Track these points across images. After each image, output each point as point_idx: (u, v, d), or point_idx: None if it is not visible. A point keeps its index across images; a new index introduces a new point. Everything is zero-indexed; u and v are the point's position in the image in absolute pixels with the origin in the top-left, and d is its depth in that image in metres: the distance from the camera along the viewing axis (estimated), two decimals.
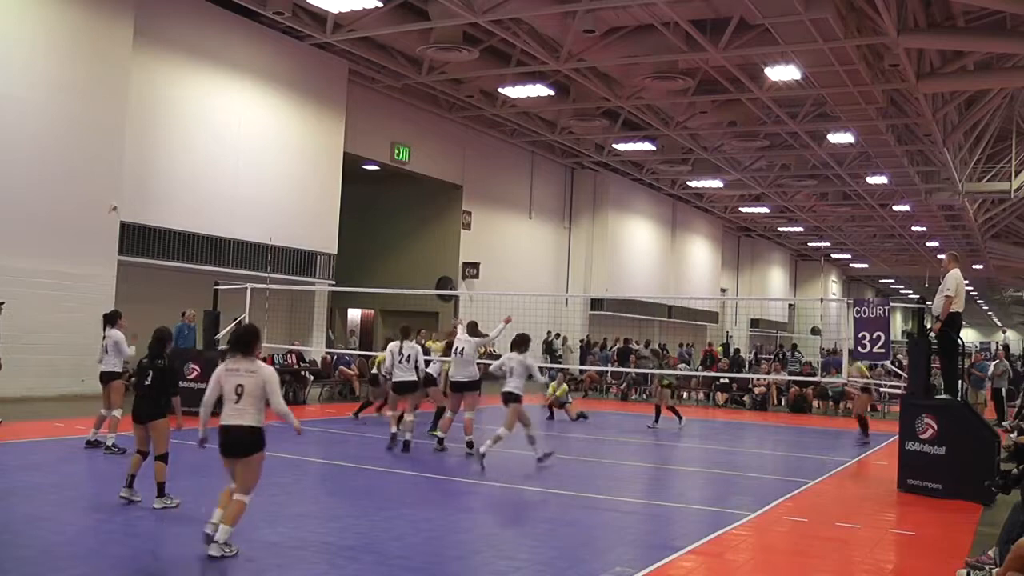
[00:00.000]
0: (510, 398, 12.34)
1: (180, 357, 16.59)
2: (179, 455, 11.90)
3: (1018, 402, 21.90)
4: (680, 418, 18.47)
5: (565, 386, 19.75)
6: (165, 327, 9.54)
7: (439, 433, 13.69)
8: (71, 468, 11.01)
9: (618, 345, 32.51)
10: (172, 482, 8.76)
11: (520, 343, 12.81)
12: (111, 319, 12.34)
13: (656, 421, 18.43)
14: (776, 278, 57.93)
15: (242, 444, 7.64)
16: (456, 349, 13.68)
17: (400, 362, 13.53)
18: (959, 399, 12.14)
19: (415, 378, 13.54)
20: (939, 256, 13.47)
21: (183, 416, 9.11)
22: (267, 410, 7.68)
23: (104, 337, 12.12)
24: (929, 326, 12.60)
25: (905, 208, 40.36)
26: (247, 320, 17.44)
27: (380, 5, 19.06)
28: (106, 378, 11.99)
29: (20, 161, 16.95)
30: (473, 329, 14.14)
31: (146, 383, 8.87)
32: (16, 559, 6.91)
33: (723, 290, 49.74)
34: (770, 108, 25.68)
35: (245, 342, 7.72)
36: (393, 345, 13.77)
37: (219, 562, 6.97)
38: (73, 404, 16.17)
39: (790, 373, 27.35)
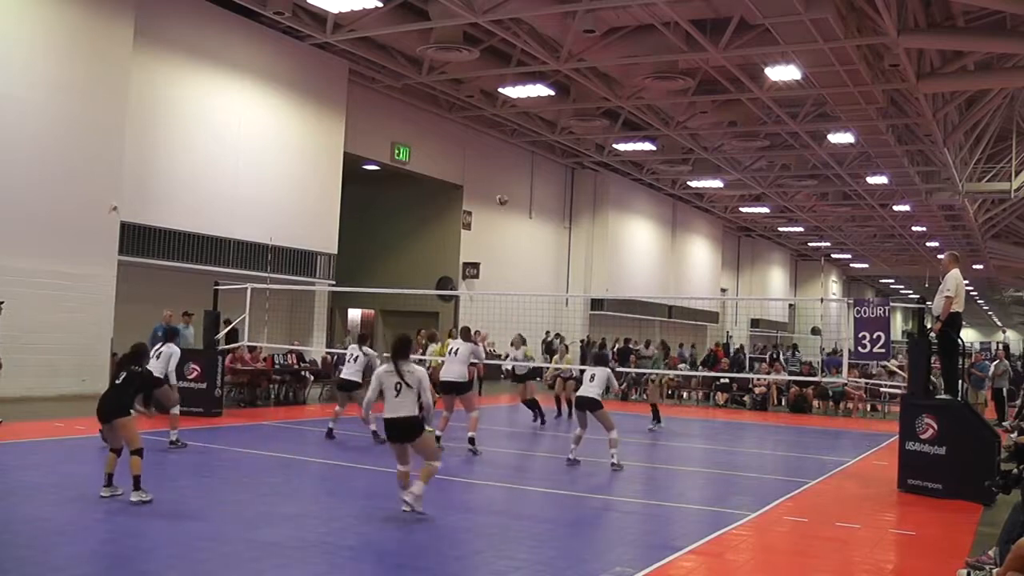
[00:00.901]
0: (591, 404, 12.41)
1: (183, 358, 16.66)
2: (185, 454, 11.94)
3: (1018, 402, 21.91)
4: (657, 419, 18.42)
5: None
6: (143, 343, 10.00)
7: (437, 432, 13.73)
8: (71, 468, 11.00)
9: (618, 345, 32.51)
10: (174, 482, 8.77)
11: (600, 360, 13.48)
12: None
13: (656, 421, 18.41)
14: (776, 278, 57.92)
15: (408, 430, 8.66)
16: (451, 350, 14.00)
17: (348, 362, 14.48)
18: (959, 399, 12.13)
19: (358, 380, 14.19)
20: (939, 256, 13.47)
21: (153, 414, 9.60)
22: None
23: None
24: (929, 326, 12.60)
25: (905, 208, 40.37)
26: (247, 320, 17.49)
27: (380, 5, 19.07)
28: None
29: (20, 161, 16.95)
30: (466, 334, 14.19)
31: (116, 382, 9.23)
32: (16, 559, 6.91)
33: (723, 290, 49.75)
34: (770, 108, 25.68)
35: (403, 350, 8.82)
36: (352, 348, 14.72)
37: (223, 560, 6.99)
38: (73, 404, 16.16)
39: (790, 373, 27.35)
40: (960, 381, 12.91)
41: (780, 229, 50.97)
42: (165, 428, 12.63)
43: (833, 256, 59.64)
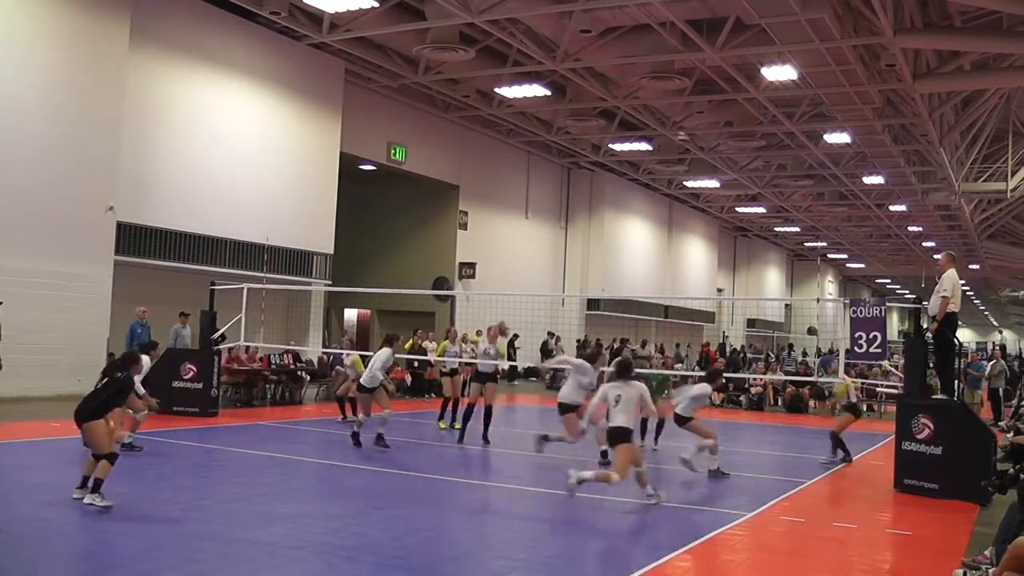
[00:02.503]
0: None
1: (179, 357, 16.67)
2: (181, 455, 11.92)
3: (1014, 402, 21.94)
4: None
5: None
6: (135, 352, 9.94)
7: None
8: (68, 468, 10.97)
9: (615, 345, 32.54)
10: (170, 482, 8.74)
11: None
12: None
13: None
14: (772, 278, 57.96)
15: (622, 437, 9.74)
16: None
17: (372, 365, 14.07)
18: (955, 399, 12.15)
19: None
20: (935, 256, 13.51)
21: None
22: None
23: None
24: (926, 326, 12.62)
25: (901, 208, 40.39)
26: (244, 320, 17.47)
27: (376, 5, 19.05)
28: None
29: (16, 161, 16.91)
30: (389, 342, 14.12)
31: (96, 386, 9.14)
32: (14, 559, 6.90)
33: (719, 290, 49.77)
34: (767, 108, 25.69)
35: (626, 369, 10.17)
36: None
37: (220, 560, 6.99)
38: (70, 404, 16.03)
39: (786, 373, 27.36)
40: (956, 381, 12.94)
41: (776, 229, 50.99)
42: (163, 428, 12.66)
43: (829, 256, 59.69)
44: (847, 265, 65.20)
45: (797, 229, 49.73)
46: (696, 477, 12.27)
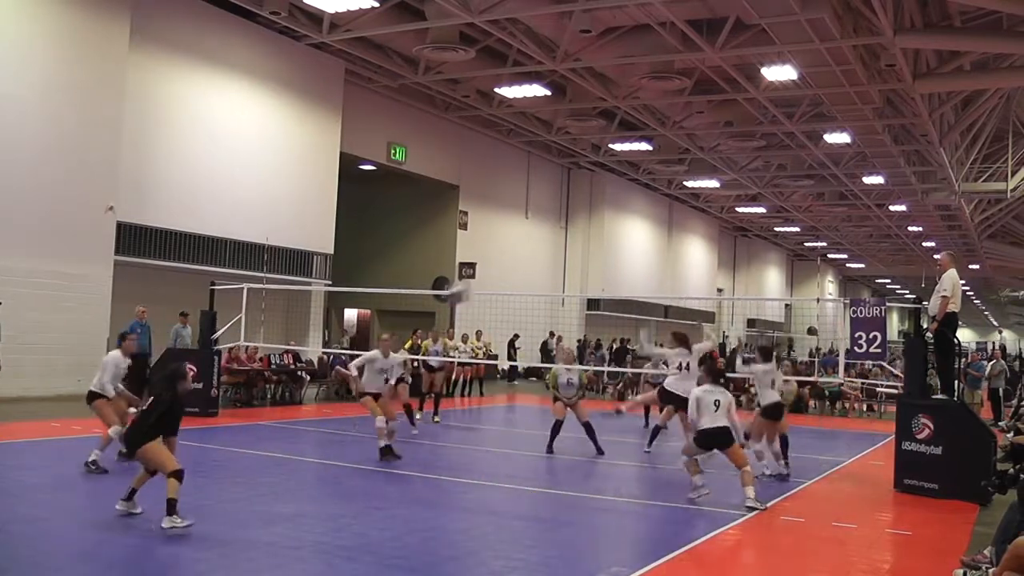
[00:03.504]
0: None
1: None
2: (181, 455, 11.90)
3: (1014, 402, 21.93)
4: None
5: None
6: (182, 365, 8.79)
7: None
8: (68, 468, 10.98)
9: (615, 346, 32.55)
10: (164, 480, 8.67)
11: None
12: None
13: (647, 424, 18.36)
14: (772, 278, 57.96)
15: (723, 439, 10.09)
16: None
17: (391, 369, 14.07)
18: (955, 399, 12.14)
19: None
20: (935, 256, 13.54)
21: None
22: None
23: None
24: (926, 326, 12.61)
25: (901, 208, 40.40)
26: (244, 320, 17.46)
27: (376, 5, 19.05)
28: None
29: (16, 161, 16.92)
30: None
31: (143, 408, 8.40)
32: (14, 559, 6.90)
33: (719, 290, 49.76)
34: (766, 108, 25.69)
35: (718, 374, 10.52)
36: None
37: (220, 560, 6.98)
38: (70, 404, 16.13)
39: (786, 373, 27.32)
40: (956, 381, 12.92)
41: (776, 229, 51.00)
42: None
43: (829, 256, 59.72)
44: (847, 265, 65.21)
45: (797, 229, 49.75)
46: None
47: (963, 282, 32.84)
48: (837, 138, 27.85)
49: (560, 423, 13.86)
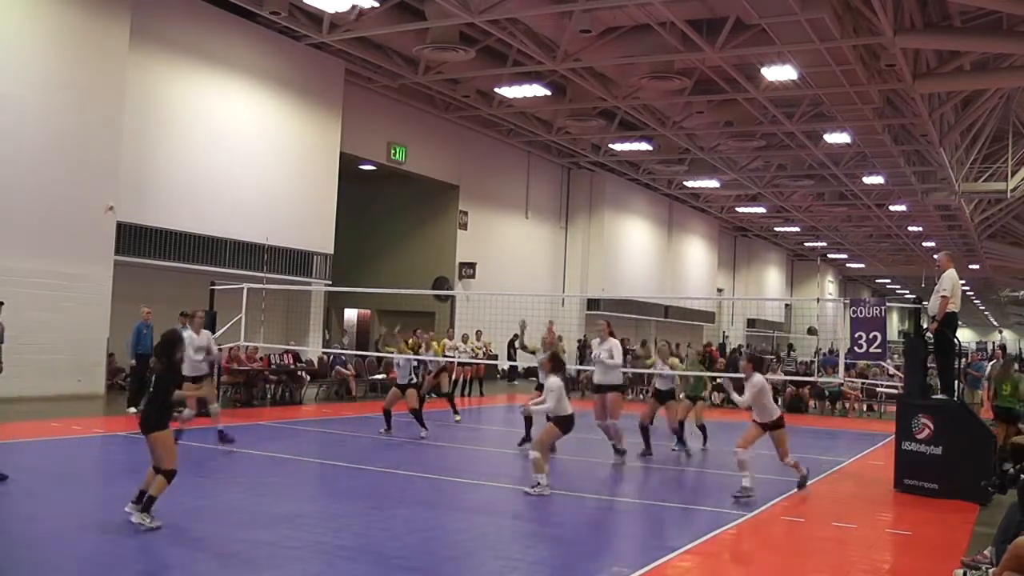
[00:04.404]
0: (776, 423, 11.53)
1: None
2: (181, 455, 11.89)
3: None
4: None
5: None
6: (172, 330, 8.78)
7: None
8: (67, 468, 10.99)
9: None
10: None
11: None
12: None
13: (650, 422, 18.41)
14: (772, 278, 57.96)
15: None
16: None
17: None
18: (955, 399, 12.14)
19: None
20: (935, 256, 13.52)
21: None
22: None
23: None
24: (925, 326, 12.61)
25: (901, 208, 40.41)
26: (244, 320, 17.47)
27: (376, 5, 19.05)
28: None
29: (16, 161, 16.91)
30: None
31: (150, 390, 8.26)
32: (13, 559, 6.90)
33: (719, 290, 49.75)
34: (766, 108, 25.69)
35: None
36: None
37: (219, 560, 6.98)
38: (70, 404, 16.16)
39: (786, 373, 27.35)
40: (956, 381, 12.92)
41: (776, 229, 51.01)
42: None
43: (829, 256, 59.75)
44: (847, 265, 65.21)
45: (797, 229, 49.75)
46: (697, 478, 12.26)
47: (963, 282, 32.84)
48: (837, 138, 27.85)
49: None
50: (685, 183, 38.48)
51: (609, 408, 13.22)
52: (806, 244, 55.86)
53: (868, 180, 33.95)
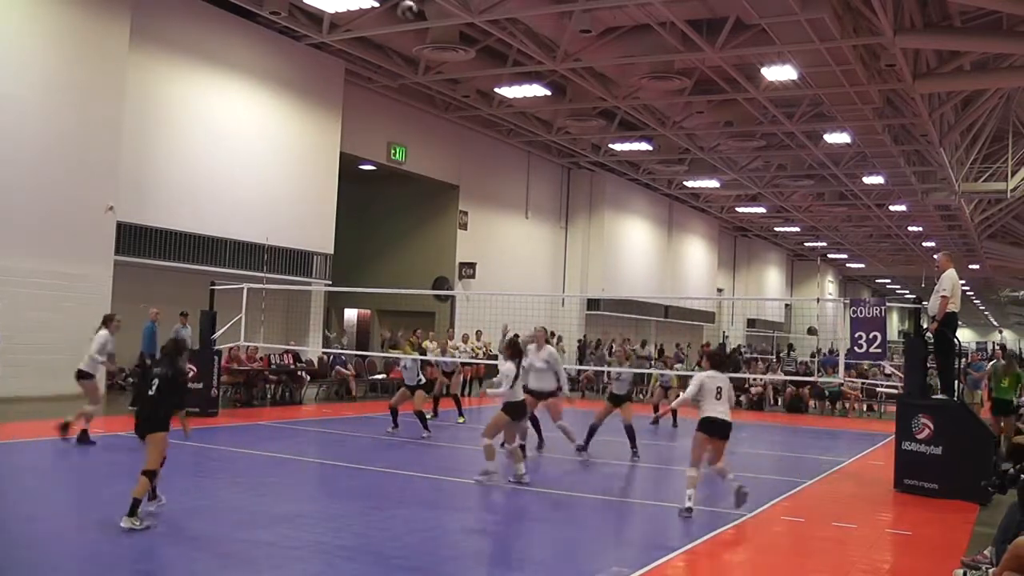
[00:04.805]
0: (726, 430, 10.09)
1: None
2: (181, 454, 11.90)
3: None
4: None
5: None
6: (176, 339, 9.12)
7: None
8: (67, 469, 10.99)
9: (614, 346, 32.52)
10: (167, 481, 8.70)
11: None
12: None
13: (655, 422, 18.51)
14: (772, 278, 57.95)
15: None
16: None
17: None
18: (955, 399, 12.14)
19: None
20: (935, 256, 13.52)
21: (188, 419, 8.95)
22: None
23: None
24: (925, 326, 12.61)
25: (901, 208, 40.39)
26: (244, 320, 17.47)
27: (376, 5, 19.05)
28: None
29: (16, 161, 16.91)
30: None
31: (150, 392, 8.28)
32: (14, 560, 6.90)
33: (719, 290, 49.75)
34: (766, 108, 25.68)
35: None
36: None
37: (219, 560, 6.98)
38: (70, 404, 16.10)
39: (786, 373, 27.37)
40: (956, 381, 12.93)
41: (776, 229, 50.99)
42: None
43: (829, 256, 59.74)
44: (847, 265, 65.20)
45: (797, 229, 49.74)
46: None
47: (963, 282, 32.84)
48: (837, 138, 27.85)
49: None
50: (685, 183, 38.47)
51: (552, 412, 13.26)
52: (806, 244, 55.84)
53: (868, 180, 33.94)
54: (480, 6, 18.56)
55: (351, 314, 33.18)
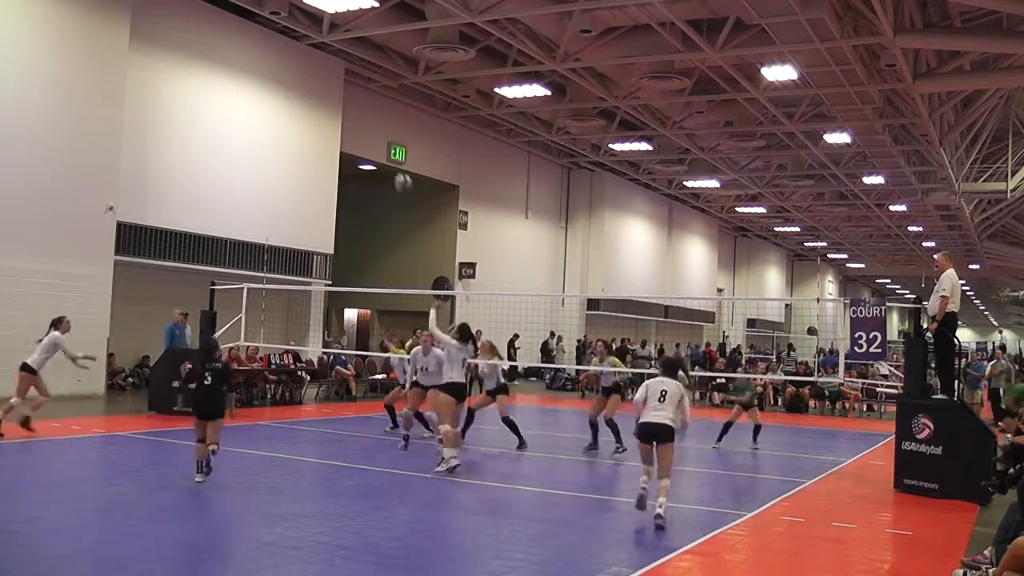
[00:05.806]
0: (663, 434, 9.31)
1: (179, 357, 16.66)
2: (181, 454, 11.91)
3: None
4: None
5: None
6: (213, 338, 11.16)
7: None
8: (67, 468, 10.99)
9: (614, 346, 32.53)
10: (169, 482, 8.70)
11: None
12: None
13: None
14: (772, 278, 57.96)
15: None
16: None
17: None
18: (955, 399, 12.14)
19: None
20: (935, 256, 13.53)
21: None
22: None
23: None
24: (925, 326, 12.61)
25: (901, 208, 40.41)
26: (244, 320, 17.46)
27: (376, 5, 19.05)
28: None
29: (17, 161, 16.92)
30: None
31: (205, 383, 9.96)
32: (13, 559, 6.89)
33: (720, 290, 49.75)
34: (767, 108, 25.70)
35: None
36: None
37: (219, 560, 6.98)
38: (70, 404, 16.13)
39: (786, 373, 27.36)
40: (956, 381, 12.93)
41: (776, 229, 51.01)
42: (162, 428, 12.50)
43: (829, 256, 59.76)
44: (847, 265, 65.22)
45: (797, 229, 49.75)
46: (698, 478, 12.24)
47: (963, 282, 32.97)
48: (837, 138, 27.86)
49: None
50: (685, 183, 38.48)
51: (433, 406, 13.30)
52: (806, 244, 55.86)
53: (868, 180, 33.95)
54: (480, 6, 18.56)
55: (351, 314, 33.19)
